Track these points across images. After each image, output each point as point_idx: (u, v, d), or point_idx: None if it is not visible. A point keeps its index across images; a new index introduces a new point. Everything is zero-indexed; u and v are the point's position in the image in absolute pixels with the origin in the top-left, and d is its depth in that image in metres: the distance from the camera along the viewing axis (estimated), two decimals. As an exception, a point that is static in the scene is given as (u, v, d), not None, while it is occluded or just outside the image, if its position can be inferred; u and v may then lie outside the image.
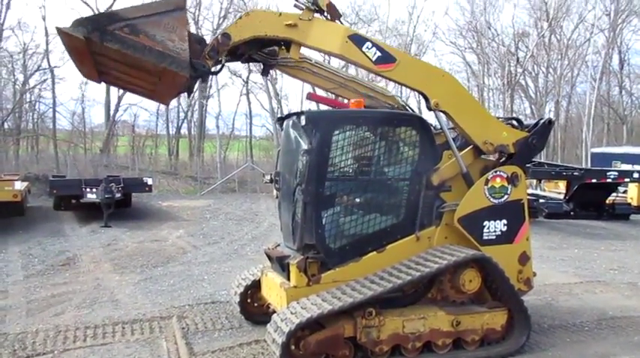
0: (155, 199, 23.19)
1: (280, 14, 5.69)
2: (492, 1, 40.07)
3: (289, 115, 6.41)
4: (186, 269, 10.61)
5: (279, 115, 34.24)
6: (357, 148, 5.84)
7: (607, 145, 35.57)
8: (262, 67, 6.22)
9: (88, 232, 15.16)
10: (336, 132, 5.66)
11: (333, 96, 6.82)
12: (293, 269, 5.57)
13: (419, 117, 6.21)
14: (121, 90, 35.58)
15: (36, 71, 33.85)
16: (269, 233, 15.02)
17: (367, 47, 5.72)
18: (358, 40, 5.73)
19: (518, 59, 39.51)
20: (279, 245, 6.59)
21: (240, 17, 5.64)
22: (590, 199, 18.27)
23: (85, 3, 33.19)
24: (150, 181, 19.39)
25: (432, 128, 6.20)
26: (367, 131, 5.90)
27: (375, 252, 5.76)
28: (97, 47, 4.73)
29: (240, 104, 41.46)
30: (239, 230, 15.94)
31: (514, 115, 32.53)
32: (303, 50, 5.93)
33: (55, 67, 33.84)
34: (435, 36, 41.73)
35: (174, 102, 40.32)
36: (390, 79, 6.02)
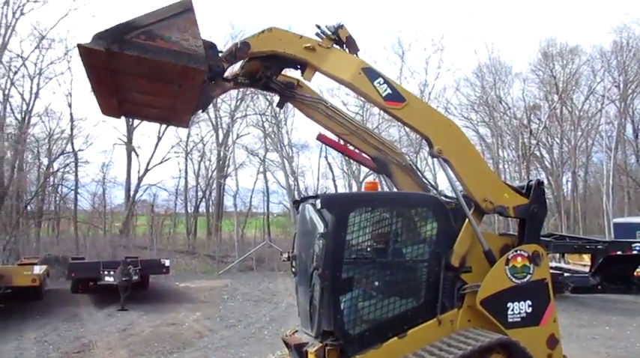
0: (172, 280, 23.05)
1: (301, 37, 5.85)
2: (501, 76, 40.76)
3: (305, 198, 6.45)
4: (202, 355, 10.35)
5: (295, 194, 34.62)
6: (374, 231, 5.80)
7: (629, 214, 34.84)
8: (279, 98, 6.37)
9: (105, 316, 15.00)
10: (352, 215, 5.65)
11: (342, 141, 6.85)
12: (311, 358, 5.39)
13: (434, 198, 6.19)
14: (142, 170, 36.61)
15: (60, 155, 34.94)
16: (287, 314, 14.70)
17: (379, 82, 5.77)
18: (371, 74, 5.80)
19: (531, 131, 39.81)
20: (297, 330, 6.42)
21: (263, 31, 5.77)
22: (617, 272, 17.63)
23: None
24: (167, 263, 19.40)
25: (442, 195, 6.15)
26: (383, 213, 5.88)
27: (396, 338, 5.54)
28: (117, 61, 4.89)
29: (257, 182, 41.91)
30: (257, 311, 15.64)
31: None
32: (318, 89, 6.05)
33: (79, 150, 34.94)
34: (448, 111, 42.34)
35: (192, 181, 41.17)
36: (397, 118, 6.04)
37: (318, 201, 5.69)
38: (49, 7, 49.54)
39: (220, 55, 5.63)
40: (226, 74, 5.93)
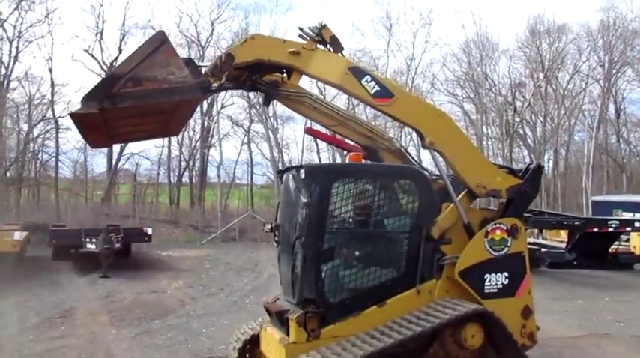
0: (155, 249, 22.99)
1: (285, 42, 5.85)
2: (488, 52, 40.71)
3: (289, 168, 6.47)
4: (184, 322, 10.44)
5: (279, 165, 34.51)
6: (356, 201, 5.86)
7: (607, 193, 35.57)
8: (264, 96, 6.36)
9: (86, 283, 15.01)
10: (335, 185, 5.69)
11: (332, 132, 6.87)
12: (292, 324, 5.48)
13: (417, 170, 6.26)
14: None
15: (40, 121, 34.28)
16: (269, 284, 14.85)
17: (366, 80, 5.80)
18: (358, 73, 5.84)
19: (515, 108, 40.07)
20: (278, 298, 6.50)
21: (245, 40, 5.81)
22: (593, 248, 18.13)
23: (91, 55, 34.24)
24: (150, 231, 19.37)
25: (429, 174, 6.22)
26: (366, 184, 5.93)
27: (375, 306, 5.66)
28: (111, 114, 4.84)
29: (241, 153, 41.66)
30: (239, 280, 15.77)
31: (512, 164, 32.71)
32: (305, 84, 6.03)
33: (59, 116, 34.25)
34: (434, 86, 42.39)
35: (175, 151, 40.85)
36: (387, 114, 6.11)
37: (302, 171, 5.72)
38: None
39: (205, 69, 5.57)
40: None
